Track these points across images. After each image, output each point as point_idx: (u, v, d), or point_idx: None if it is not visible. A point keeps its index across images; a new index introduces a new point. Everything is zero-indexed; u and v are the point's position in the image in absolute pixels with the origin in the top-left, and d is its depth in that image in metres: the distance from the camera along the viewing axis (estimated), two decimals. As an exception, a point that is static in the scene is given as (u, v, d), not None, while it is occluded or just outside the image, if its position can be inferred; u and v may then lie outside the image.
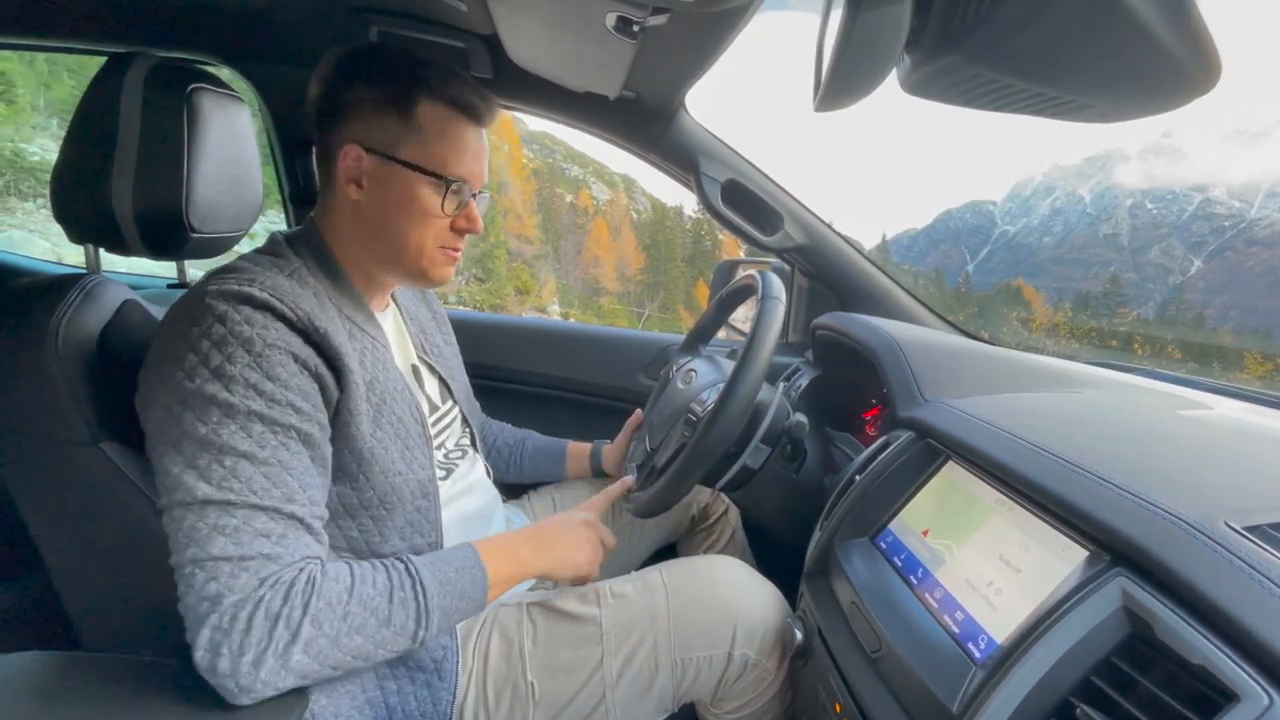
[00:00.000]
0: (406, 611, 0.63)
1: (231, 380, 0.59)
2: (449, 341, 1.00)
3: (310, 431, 0.63)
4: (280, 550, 0.59)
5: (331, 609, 0.59)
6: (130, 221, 0.76)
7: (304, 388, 0.63)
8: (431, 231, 0.73)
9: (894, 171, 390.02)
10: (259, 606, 0.56)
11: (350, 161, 0.71)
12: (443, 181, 0.71)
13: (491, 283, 35.05)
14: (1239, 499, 0.51)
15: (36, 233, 10.13)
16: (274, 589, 0.57)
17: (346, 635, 0.59)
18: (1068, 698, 0.46)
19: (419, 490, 0.74)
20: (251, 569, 0.57)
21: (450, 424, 0.89)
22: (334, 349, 0.65)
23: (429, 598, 0.64)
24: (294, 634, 0.57)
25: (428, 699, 0.72)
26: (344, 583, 0.61)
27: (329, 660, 0.59)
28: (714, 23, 0.77)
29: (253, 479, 0.59)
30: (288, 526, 0.60)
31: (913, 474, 0.74)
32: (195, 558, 0.56)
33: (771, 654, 0.78)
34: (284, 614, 0.56)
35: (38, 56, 13.88)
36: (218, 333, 0.60)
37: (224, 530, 0.57)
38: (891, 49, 0.44)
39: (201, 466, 0.58)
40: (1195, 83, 0.36)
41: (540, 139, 64.49)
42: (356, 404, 0.67)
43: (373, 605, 0.61)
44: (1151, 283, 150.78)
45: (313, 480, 0.63)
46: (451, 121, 0.72)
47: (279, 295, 0.63)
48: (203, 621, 0.56)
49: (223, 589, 0.56)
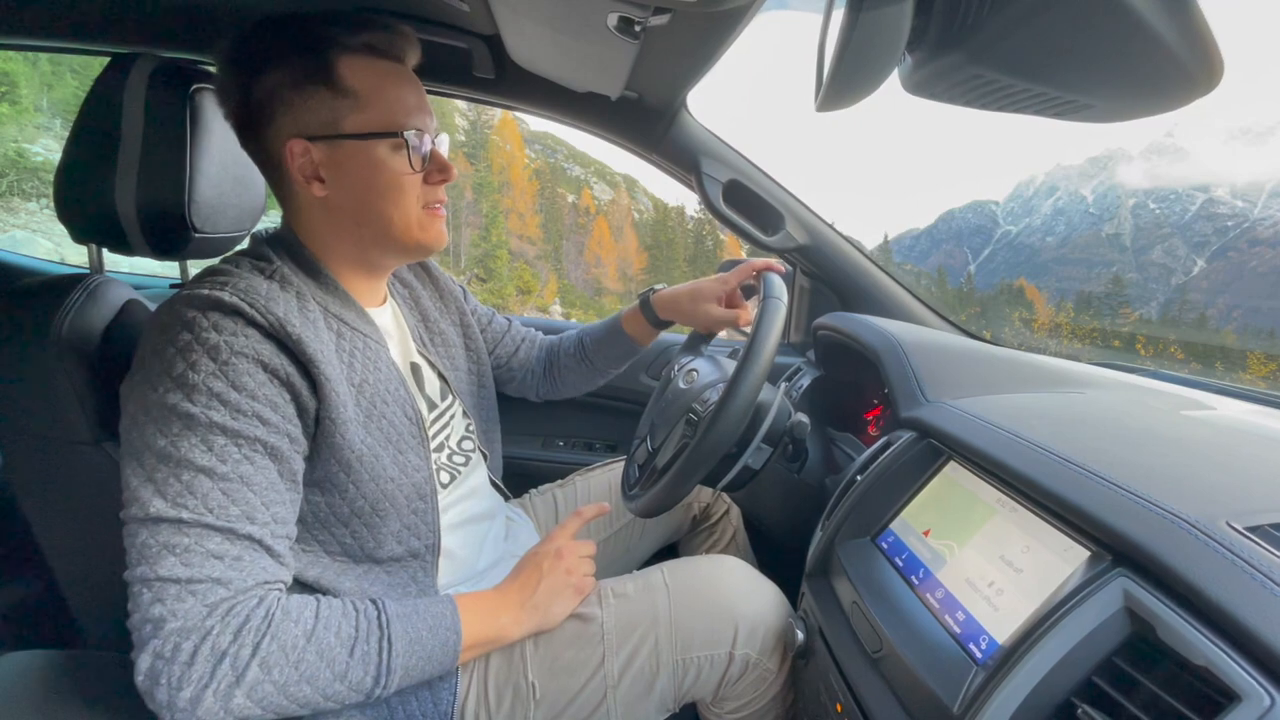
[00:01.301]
0: (366, 668, 0.59)
1: (194, 390, 0.56)
2: (454, 323, 0.96)
3: (278, 445, 0.60)
4: (233, 575, 0.55)
5: (285, 654, 0.55)
6: (133, 221, 0.76)
7: (272, 398, 0.60)
8: (409, 195, 0.69)
9: (896, 172, 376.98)
10: (205, 639, 0.53)
11: (300, 158, 0.66)
12: (400, 138, 0.66)
13: (493, 283, 35.09)
14: (1241, 499, 0.51)
15: (40, 233, 10.16)
16: (224, 621, 0.54)
17: (295, 685, 0.55)
18: (1069, 698, 0.45)
19: (414, 493, 0.73)
20: (199, 594, 0.53)
21: (450, 421, 0.88)
22: (309, 355, 0.62)
23: (393, 655, 0.60)
24: (239, 676, 0.53)
25: (428, 697, 0.71)
26: (304, 625, 0.57)
27: (272, 707, 0.55)
28: (715, 23, 0.77)
29: (209, 495, 0.55)
30: (244, 548, 0.56)
31: (914, 474, 0.74)
32: (144, 576, 0.53)
33: (773, 654, 0.77)
34: (231, 652, 0.53)
35: (41, 57, 13.92)
36: (183, 340, 0.57)
37: (174, 549, 0.54)
38: (893, 49, 0.44)
39: (159, 481, 0.55)
40: (1197, 82, 0.36)
41: (542, 139, 64.49)
42: (340, 411, 0.64)
43: (330, 655, 0.57)
44: (1154, 283, 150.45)
45: (278, 496, 0.60)
46: (379, 70, 0.67)
47: (250, 299, 0.60)
48: (144, 645, 0.52)
49: (166, 613, 0.52)
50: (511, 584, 0.75)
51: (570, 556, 0.77)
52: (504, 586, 0.75)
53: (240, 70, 0.65)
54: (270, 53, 0.64)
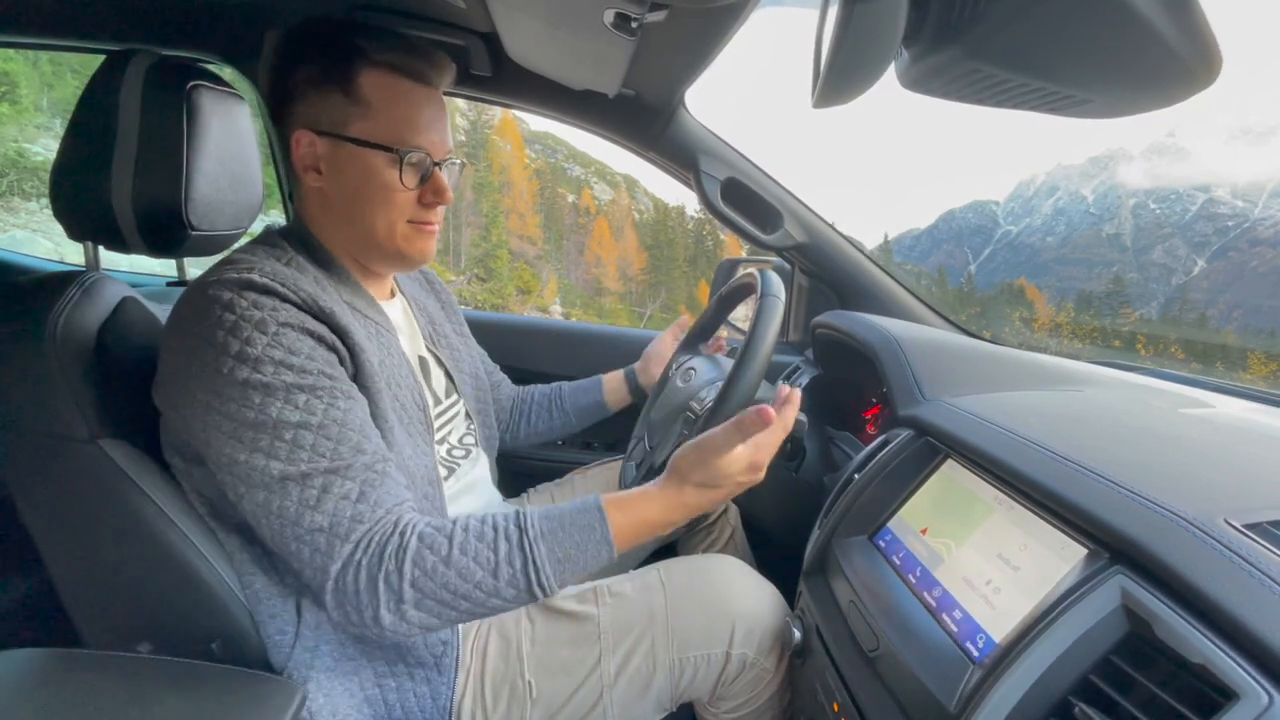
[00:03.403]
0: (515, 586, 0.61)
1: (258, 362, 0.60)
2: (459, 331, 0.99)
3: (349, 390, 0.64)
4: (364, 509, 0.60)
5: (429, 577, 0.59)
6: (129, 218, 0.76)
7: (326, 357, 0.64)
8: (397, 209, 0.72)
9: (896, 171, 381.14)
10: (360, 571, 0.59)
11: (304, 148, 0.70)
12: (396, 154, 0.69)
13: (493, 282, 35.11)
14: (1240, 497, 0.51)
15: (40, 232, 10.17)
16: (368, 552, 0.59)
17: (452, 600, 0.60)
18: (1066, 696, 0.45)
19: (425, 477, 0.74)
20: (342, 534, 0.59)
21: (453, 418, 0.89)
22: (342, 327, 0.65)
23: (542, 576, 0.61)
24: (399, 595, 0.59)
25: (426, 694, 0.71)
26: (439, 553, 0.60)
27: (444, 617, 0.61)
28: (712, 19, 0.77)
29: (317, 444, 0.60)
30: (364, 482, 0.61)
31: (912, 472, 0.74)
32: (296, 535, 0.60)
33: (770, 653, 0.77)
34: (382, 576, 0.59)
35: (41, 57, 13.92)
36: (229, 320, 0.60)
37: (309, 503, 0.59)
38: (889, 43, 0.44)
39: (265, 447, 0.59)
40: (1195, 77, 0.36)
41: (543, 139, 64.53)
42: (374, 380, 0.68)
43: (475, 579, 0.60)
44: (1155, 283, 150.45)
45: (369, 429, 0.64)
46: (397, 88, 0.70)
47: (279, 279, 0.63)
48: (323, 590, 0.60)
49: (326, 560, 0.59)
50: (673, 480, 0.67)
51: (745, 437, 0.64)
52: (666, 482, 0.67)
53: (280, 60, 0.70)
54: (306, 51, 0.69)
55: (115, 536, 0.69)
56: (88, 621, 0.75)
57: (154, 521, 0.68)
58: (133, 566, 0.70)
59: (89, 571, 0.73)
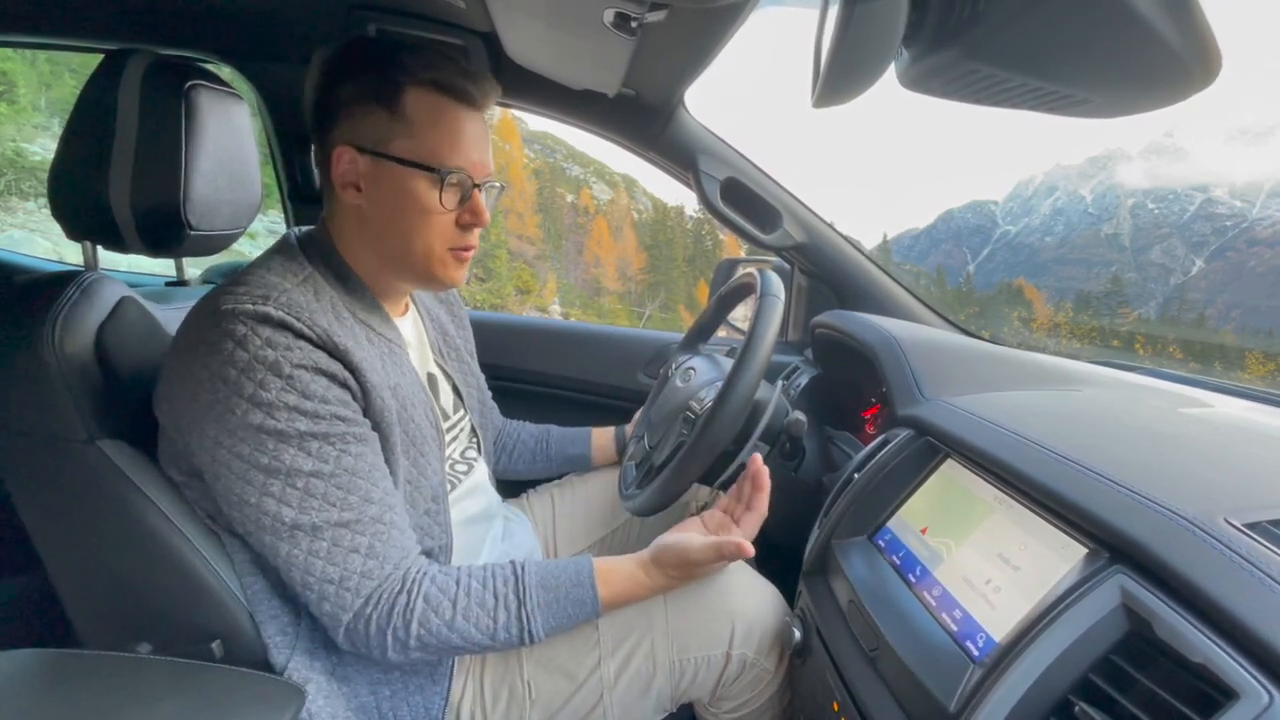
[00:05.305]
0: (509, 632, 0.67)
1: (272, 407, 0.60)
2: (467, 343, 0.99)
3: (362, 433, 0.65)
4: (373, 565, 0.64)
5: (434, 631, 0.65)
6: (128, 218, 0.76)
7: (341, 398, 0.64)
8: (435, 230, 0.71)
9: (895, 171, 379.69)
10: (370, 623, 0.64)
11: (345, 165, 0.69)
12: (437, 174, 0.68)
13: (492, 282, 35.06)
14: (1239, 496, 0.51)
15: (38, 232, 10.15)
16: (378, 606, 0.64)
17: (455, 643, 0.66)
18: (1066, 696, 0.45)
19: (430, 495, 0.74)
20: (352, 588, 0.63)
21: (459, 434, 0.89)
22: (355, 364, 0.65)
23: (535, 624, 0.67)
24: (406, 639, 0.64)
25: (420, 704, 0.72)
26: (444, 616, 0.65)
27: (445, 651, 0.67)
28: (712, 19, 0.77)
29: (328, 493, 0.62)
30: (373, 535, 0.64)
31: (912, 472, 0.74)
32: (305, 582, 0.63)
33: (770, 653, 0.77)
34: (393, 625, 0.64)
35: (39, 56, 13.89)
36: (241, 359, 0.59)
37: (319, 554, 0.62)
38: (888, 43, 0.44)
39: (277, 493, 0.61)
40: (1194, 77, 0.36)
41: (541, 138, 64.43)
42: (385, 415, 0.68)
43: (478, 622, 0.66)
44: (1153, 283, 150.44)
45: (380, 474, 0.66)
46: (441, 108, 0.69)
47: (295, 313, 0.62)
48: (336, 631, 0.65)
49: (337, 609, 0.64)
50: (656, 568, 0.73)
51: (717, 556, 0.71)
52: (649, 568, 0.73)
53: (328, 73, 0.70)
54: (354, 67, 0.69)
55: (115, 537, 0.69)
56: (87, 622, 0.75)
57: (153, 522, 0.68)
58: (132, 567, 0.70)
59: (88, 572, 0.73)
